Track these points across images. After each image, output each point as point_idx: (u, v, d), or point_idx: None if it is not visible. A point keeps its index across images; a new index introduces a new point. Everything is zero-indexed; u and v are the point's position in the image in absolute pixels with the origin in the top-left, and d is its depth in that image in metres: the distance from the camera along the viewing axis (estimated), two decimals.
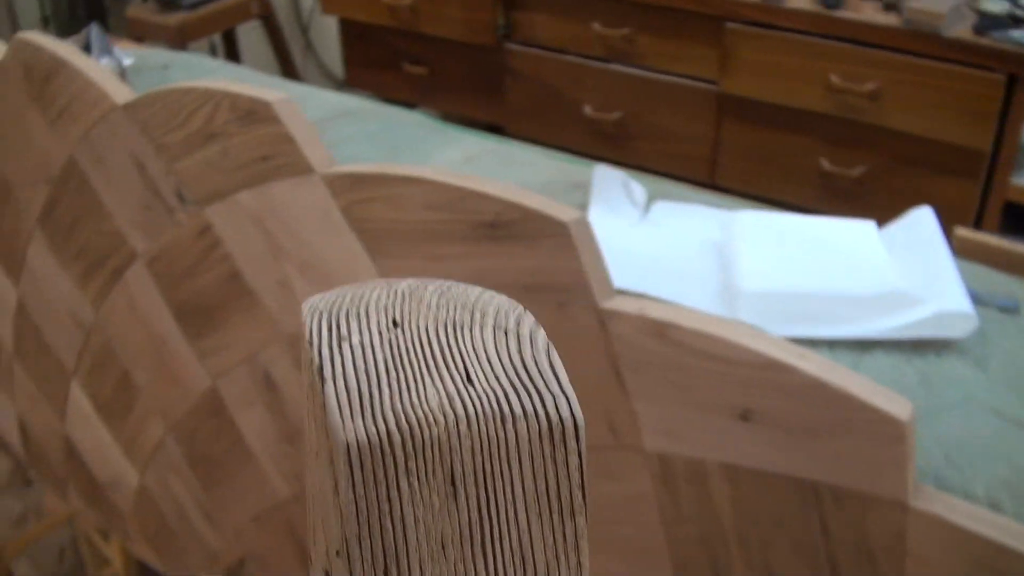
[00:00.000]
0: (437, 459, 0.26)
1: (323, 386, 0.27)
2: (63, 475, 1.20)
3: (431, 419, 0.26)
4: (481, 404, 0.27)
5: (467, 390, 0.27)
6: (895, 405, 0.57)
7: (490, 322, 0.29)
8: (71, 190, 0.92)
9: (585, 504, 0.27)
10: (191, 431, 0.93)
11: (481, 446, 0.27)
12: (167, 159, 0.81)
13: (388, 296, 0.30)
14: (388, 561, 0.26)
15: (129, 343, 0.95)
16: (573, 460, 0.27)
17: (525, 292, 0.65)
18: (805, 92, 1.73)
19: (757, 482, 0.63)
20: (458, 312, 0.30)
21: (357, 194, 0.70)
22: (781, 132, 1.81)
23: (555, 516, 0.27)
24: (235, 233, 0.79)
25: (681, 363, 0.61)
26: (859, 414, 0.59)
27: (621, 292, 0.66)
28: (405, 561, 0.26)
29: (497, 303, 0.30)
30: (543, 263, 0.64)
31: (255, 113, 0.74)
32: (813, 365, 0.60)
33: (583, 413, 0.27)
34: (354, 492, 0.26)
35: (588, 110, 2.03)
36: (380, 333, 0.29)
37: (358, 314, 0.29)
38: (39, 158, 0.94)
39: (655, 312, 0.61)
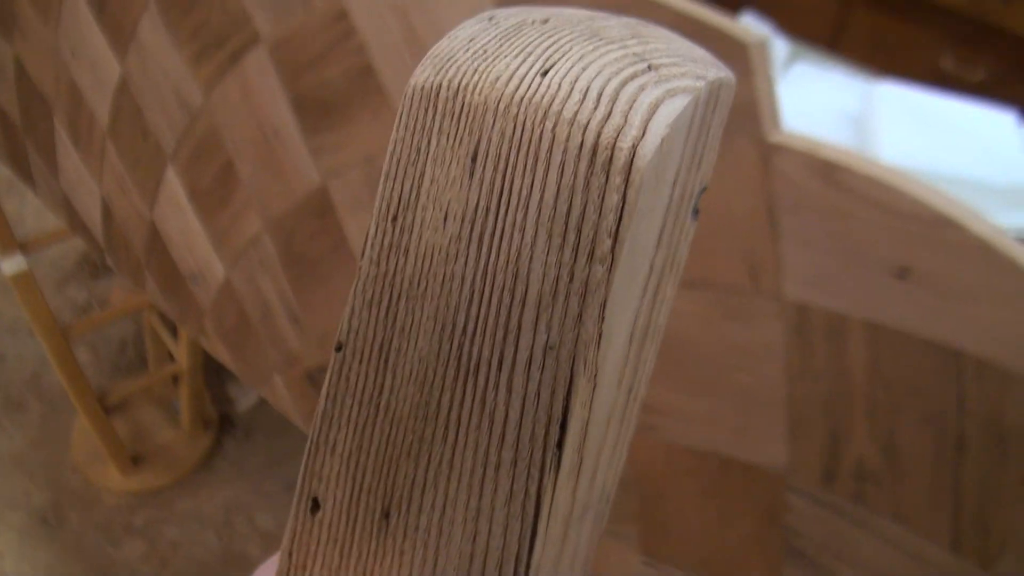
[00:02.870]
0: (466, 129, 0.25)
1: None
2: (142, 263, 1.20)
3: (477, 88, 0.25)
4: (532, 95, 0.24)
5: (534, 80, 0.24)
6: None
7: (639, 49, 0.26)
8: None
9: (613, 255, 0.24)
10: (290, 230, 0.91)
11: (512, 135, 0.24)
12: None
13: (571, 12, 0.28)
14: (401, 208, 0.26)
15: (237, 133, 0.92)
16: (611, 198, 0.23)
17: None
18: None
19: (899, 344, 0.60)
20: (619, 35, 0.27)
21: None
22: (907, 23, 1.72)
23: (567, 249, 0.24)
24: (373, 23, 0.75)
25: (845, 210, 0.58)
26: (1022, 286, 0.56)
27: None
28: (411, 216, 0.26)
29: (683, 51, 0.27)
30: None
31: None
32: (985, 227, 0.56)
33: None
34: (397, 133, 0.26)
35: None
36: (521, 21, 0.27)
37: (523, 11, 0.28)
38: None
39: (826, 152, 0.58)
